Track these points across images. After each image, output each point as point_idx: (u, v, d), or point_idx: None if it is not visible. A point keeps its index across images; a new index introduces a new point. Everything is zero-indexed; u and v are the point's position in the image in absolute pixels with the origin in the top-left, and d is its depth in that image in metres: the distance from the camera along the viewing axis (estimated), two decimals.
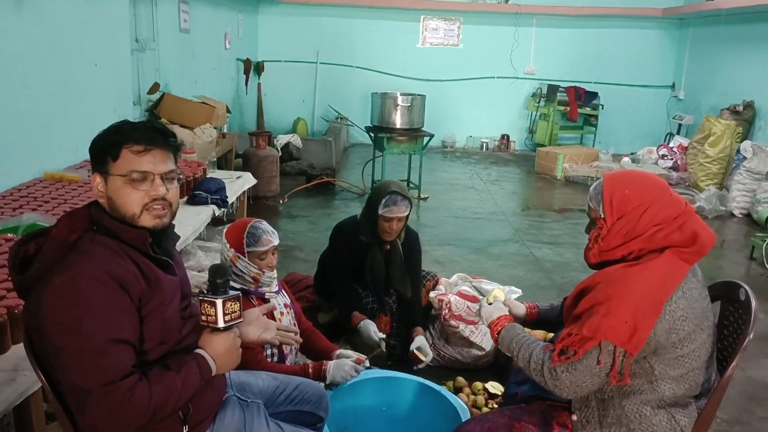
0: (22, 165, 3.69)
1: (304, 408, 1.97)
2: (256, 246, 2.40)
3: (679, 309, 1.63)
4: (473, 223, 6.14)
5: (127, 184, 1.49)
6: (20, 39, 3.56)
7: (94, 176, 1.52)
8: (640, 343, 1.59)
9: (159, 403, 1.41)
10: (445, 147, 10.51)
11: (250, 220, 2.48)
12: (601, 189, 1.77)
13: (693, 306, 1.66)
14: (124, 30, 5.03)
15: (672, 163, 8.20)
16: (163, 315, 1.51)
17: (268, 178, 6.41)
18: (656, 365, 1.67)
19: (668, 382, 1.68)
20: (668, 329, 1.62)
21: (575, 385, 1.66)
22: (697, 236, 1.70)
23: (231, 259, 2.42)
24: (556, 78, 10.21)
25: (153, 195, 1.50)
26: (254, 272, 2.41)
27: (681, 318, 1.63)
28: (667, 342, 1.63)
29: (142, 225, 1.51)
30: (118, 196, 1.49)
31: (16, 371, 1.91)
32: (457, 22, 10.37)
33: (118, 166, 1.49)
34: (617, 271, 1.69)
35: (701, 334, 1.68)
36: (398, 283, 3.13)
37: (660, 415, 1.69)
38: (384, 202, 2.97)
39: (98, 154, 1.52)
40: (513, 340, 1.84)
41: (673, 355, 1.65)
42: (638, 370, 1.67)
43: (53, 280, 1.39)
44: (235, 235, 2.42)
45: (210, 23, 7.53)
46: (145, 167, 1.50)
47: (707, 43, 9.46)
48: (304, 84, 10.33)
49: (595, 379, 1.65)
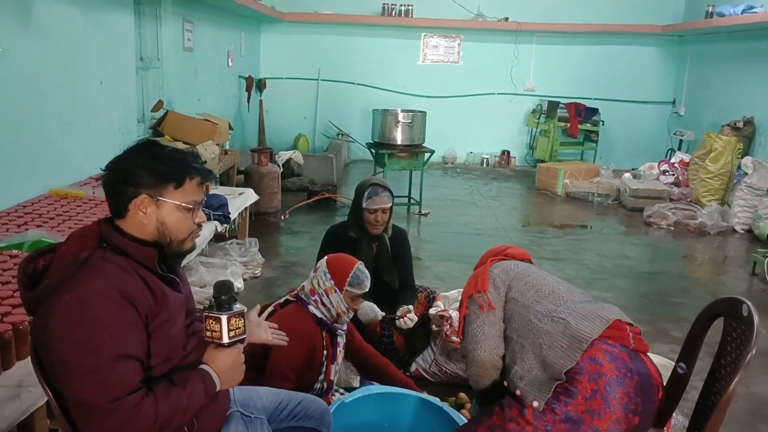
0: (28, 181, 3.71)
1: (307, 424, 1.98)
2: (356, 288, 2.49)
3: (500, 265, 2.25)
4: (474, 238, 6.14)
5: (182, 212, 1.57)
6: (27, 57, 3.60)
7: (143, 197, 1.53)
8: (484, 283, 2.17)
9: (165, 418, 1.42)
10: (445, 163, 10.54)
11: (356, 262, 2.55)
12: None
13: (512, 264, 2.26)
14: (129, 49, 5.09)
15: (673, 179, 8.21)
16: (169, 331, 1.53)
17: (270, 194, 6.44)
18: (515, 296, 2.12)
19: (534, 301, 2.08)
20: (501, 272, 2.20)
21: (473, 336, 2.10)
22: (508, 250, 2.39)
23: (326, 290, 2.48)
24: (557, 94, 10.27)
25: (198, 221, 1.62)
26: (342, 309, 2.49)
27: (503, 269, 2.22)
28: (507, 277, 2.17)
29: (185, 248, 1.63)
30: (173, 222, 1.56)
31: (20, 387, 1.92)
32: (458, 40, 10.46)
33: (179, 194, 1.56)
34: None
35: (533, 273, 2.21)
36: (386, 275, 3.28)
37: (543, 321, 2.00)
38: (366, 195, 3.14)
39: (160, 178, 1.54)
40: None
41: (520, 285, 2.14)
42: (511, 307, 2.12)
43: (63, 296, 1.41)
44: (340, 271, 2.49)
45: (213, 41, 7.61)
46: (200, 198, 1.62)
47: (707, 59, 9.52)
48: (306, 101, 10.39)
49: (480, 322, 2.11)
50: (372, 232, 3.21)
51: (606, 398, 1.81)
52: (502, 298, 2.15)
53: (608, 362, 1.85)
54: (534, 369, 1.95)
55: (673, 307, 4.52)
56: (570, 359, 1.87)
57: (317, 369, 2.50)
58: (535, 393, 1.90)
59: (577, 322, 1.94)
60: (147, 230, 1.55)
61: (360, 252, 3.21)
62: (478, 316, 2.13)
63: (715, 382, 1.84)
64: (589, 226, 6.89)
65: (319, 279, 2.50)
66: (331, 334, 2.54)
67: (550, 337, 1.94)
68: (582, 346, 1.88)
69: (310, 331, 2.47)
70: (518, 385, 1.96)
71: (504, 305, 2.14)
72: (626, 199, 7.71)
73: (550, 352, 1.92)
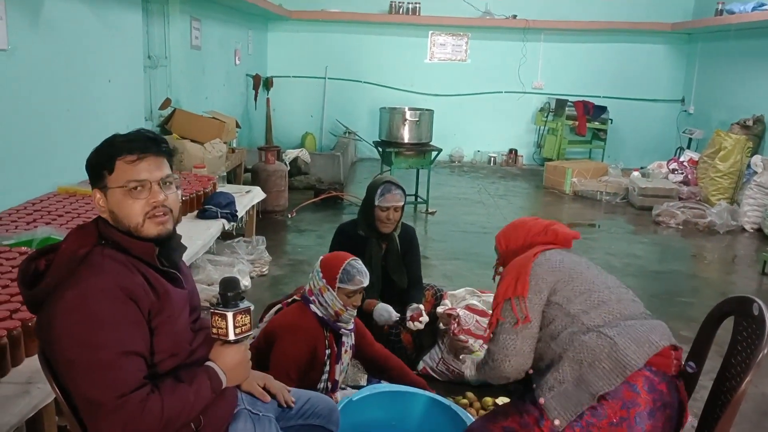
0: (37, 179, 3.73)
1: (315, 422, 1.97)
2: (348, 284, 2.46)
3: (544, 261, 2.05)
4: (481, 237, 6.13)
5: (126, 195, 1.50)
6: (36, 55, 3.62)
7: (94, 192, 1.53)
8: (525, 287, 1.98)
9: (171, 415, 1.42)
10: (452, 161, 10.52)
11: (347, 256, 2.54)
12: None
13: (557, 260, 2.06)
14: (137, 47, 5.10)
15: (683, 178, 8.17)
16: (172, 327, 1.52)
17: (277, 192, 6.44)
18: (562, 301, 1.97)
19: (581, 311, 1.93)
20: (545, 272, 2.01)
21: (504, 347, 1.96)
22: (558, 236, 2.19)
23: (320, 289, 2.48)
24: (565, 92, 10.22)
25: (153, 202, 1.51)
26: (339, 307, 2.47)
27: (558, 261, 2.05)
28: (552, 279, 2.00)
29: (147, 234, 1.52)
30: (120, 208, 1.50)
31: (29, 384, 1.92)
32: (465, 38, 10.43)
33: (115, 179, 1.50)
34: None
35: (581, 274, 2.02)
36: (395, 274, 3.27)
37: (588, 335, 1.86)
38: (380, 192, 3.13)
39: (94, 169, 1.53)
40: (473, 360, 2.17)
41: (566, 290, 1.97)
42: (553, 311, 1.97)
43: (64, 294, 1.41)
44: (331, 268, 2.49)
45: (220, 40, 7.62)
46: (141, 175, 1.50)
47: (716, 57, 9.46)
48: (313, 99, 10.39)
49: (512, 334, 1.96)
50: (383, 230, 3.19)
51: (632, 428, 1.73)
52: (542, 302, 1.99)
53: (646, 393, 1.76)
54: (566, 383, 1.84)
55: (683, 307, 4.49)
56: (609, 383, 1.76)
57: (320, 369, 2.50)
58: (559, 410, 1.81)
59: (625, 344, 1.80)
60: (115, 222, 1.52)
61: (369, 251, 3.21)
62: (512, 328, 1.98)
63: (725, 382, 1.82)
64: (597, 225, 6.85)
65: (314, 278, 2.52)
66: (335, 334, 2.54)
67: (593, 355, 1.81)
68: (625, 372, 1.76)
69: (312, 330, 2.47)
70: (545, 395, 1.86)
71: (544, 309, 1.99)
72: (635, 198, 7.67)
73: (589, 370, 1.80)
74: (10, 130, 3.42)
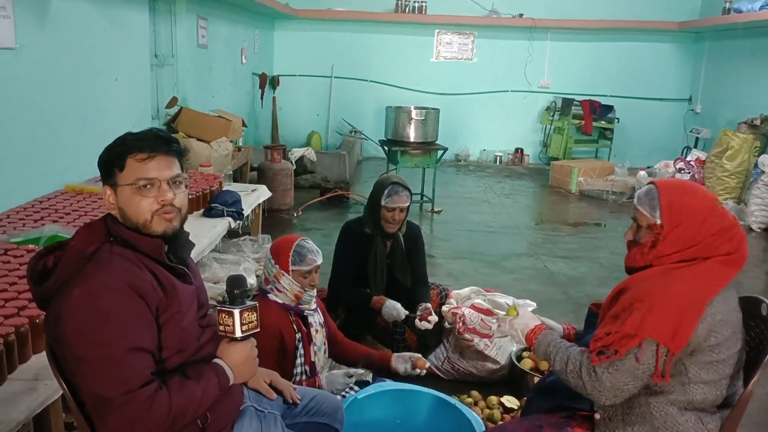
0: (44, 177, 3.74)
1: (320, 419, 1.98)
2: (301, 265, 2.45)
3: (719, 312, 1.64)
4: (487, 236, 6.12)
5: (135, 193, 1.51)
6: (43, 54, 3.63)
7: (104, 189, 1.55)
8: (682, 342, 1.59)
9: (179, 411, 1.43)
10: (458, 160, 10.51)
11: (295, 238, 2.51)
12: (656, 195, 1.76)
13: (731, 313, 1.68)
14: (144, 46, 5.12)
15: (689, 177, 8.13)
16: (180, 323, 1.53)
17: (283, 191, 6.45)
18: (691, 367, 1.66)
19: (700, 387, 1.67)
20: (708, 331, 1.62)
21: (615, 387, 1.63)
22: (741, 248, 1.73)
23: (275, 275, 2.47)
24: (571, 91, 10.19)
25: (161, 200, 1.53)
26: (297, 290, 2.47)
27: (720, 322, 1.64)
28: (705, 344, 1.63)
29: (154, 231, 1.53)
30: (129, 205, 1.52)
31: (36, 380, 1.93)
32: (471, 36, 10.42)
33: (125, 176, 1.52)
34: (660, 271, 1.71)
35: (736, 344, 1.69)
36: (399, 273, 3.27)
37: (687, 416, 1.68)
38: (386, 193, 3.14)
39: (105, 166, 1.55)
40: (550, 344, 1.82)
41: (708, 358, 1.65)
42: (672, 371, 1.65)
43: (72, 291, 1.42)
44: (281, 252, 2.47)
45: (227, 39, 7.63)
46: (151, 174, 1.52)
47: (724, 56, 9.41)
48: (319, 98, 10.40)
49: (637, 381, 1.63)
50: (387, 230, 3.21)
51: None
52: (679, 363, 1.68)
53: None
54: None
55: None
56: None
57: (291, 353, 2.47)
58: None
59: None
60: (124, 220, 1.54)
61: (374, 249, 3.23)
62: (637, 371, 1.63)
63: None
64: (603, 225, 6.83)
65: (268, 267, 2.51)
66: (301, 316, 2.52)
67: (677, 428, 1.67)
68: None
69: (274, 320, 2.41)
70: None
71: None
72: None
73: None
74: (18, 129, 3.44)
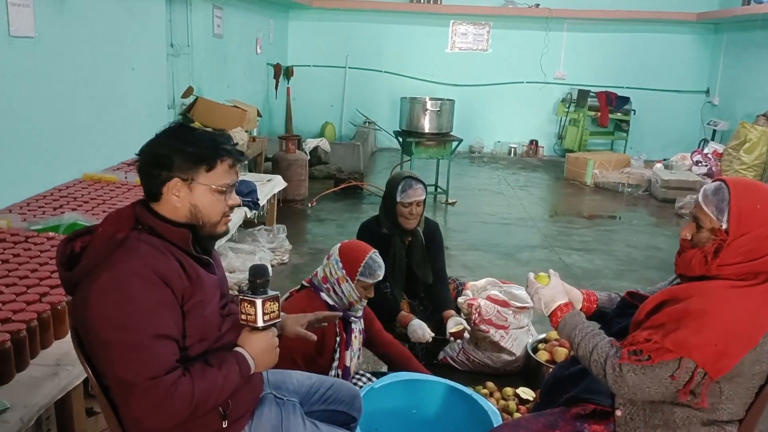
0: (62, 166, 3.78)
1: (338, 408, 1.99)
2: (368, 278, 2.45)
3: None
4: (501, 228, 6.11)
5: (214, 194, 1.57)
6: (62, 43, 3.66)
7: (175, 181, 1.53)
8: (725, 369, 1.51)
9: (201, 398, 1.44)
10: (473, 152, 10.48)
11: (369, 249, 2.50)
12: (727, 197, 1.60)
13: None
14: (160, 35, 5.14)
15: (706, 170, 8.05)
16: (203, 312, 1.55)
17: (297, 181, 6.47)
18: (726, 390, 1.60)
19: (730, 407, 1.62)
20: (755, 360, 1.55)
21: (637, 388, 1.59)
22: None
23: (338, 278, 2.45)
24: (587, 83, 10.11)
25: (231, 204, 1.62)
26: (354, 298, 2.46)
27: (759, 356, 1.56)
28: (749, 371, 1.56)
29: (219, 231, 1.63)
30: (205, 205, 1.57)
31: (58, 366, 1.96)
32: (487, 27, 10.35)
33: (211, 177, 1.56)
34: (717, 289, 1.59)
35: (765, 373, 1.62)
36: (419, 270, 3.21)
37: (709, 427, 1.65)
38: (400, 188, 3.09)
39: (190, 161, 1.54)
40: (576, 327, 1.75)
41: (747, 384, 1.60)
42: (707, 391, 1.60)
43: (101, 276, 1.43)
44: (352, 260, 2.45)
45: (242, 28, 7.64)
46: (233, 181, 1.61)
47: (742, 48, 9.28)
48: (333, 88, 10.40)
49: (662, 389, 1.58)
50: (406, 226, 3.13)
51: None
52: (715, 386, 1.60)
53: None
54: None
55: None
56: None
57: (329, 356, 2.48)
58: None
59: None
60: (180, 213, 1.56)
61: (393, 248, 3.15)
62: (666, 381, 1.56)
63: None
64: (618, 217, 6.79)
65: (332, 267, 2.47)
66: (345, 321, 2.52)
67: None
68: None
69: None
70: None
71: None
72: (657, 190, 7.58)
73: None
74: (37, 118, 3.47)
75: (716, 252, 1.60)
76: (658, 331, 1.60)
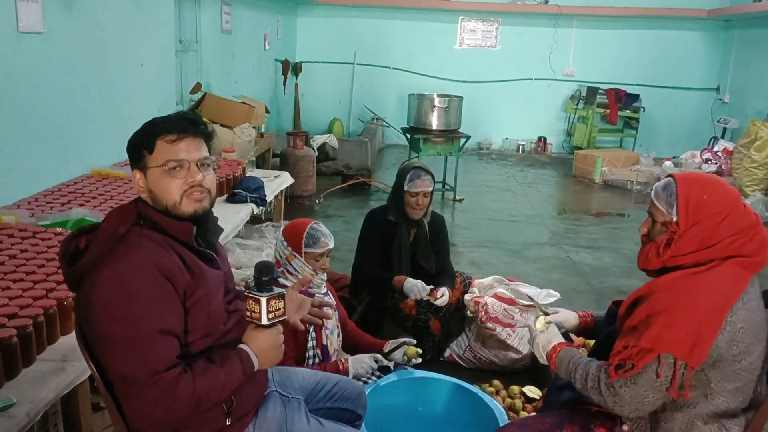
0: (70, 162, 3.79)
1: (343, 405, 1.98)
2: (314, 248, 2.47)
3: (739, 320, 1.58)
4: (509, 225, 6.08)
5: (165, 174, 1.53)
6: (71, 39, 3.66)
7: (134, 173, 1.57)
8: (702, 356, 1.53)
9: (202, 395, 1.44)
10: (480, 149, 10.45)
11: (308, 222, 2.53)
12: (674, 191, 1.67)
13: (752, 318, 1.60)
14: (169, 31, 5.14)
15: (716, 168, 7.99)
16: (207, 307, 1.54)
17: (305, 177, 6.47)
18: (713, 378, 1.61)
19: (723, 395, 1.63)
20: (729, 341, 1.57)
21: (636, 401, 1.60)
22: (763, 250, 1.63)
23: (287, 257, 2.48)
24: (596, 80, 10.05)
25: (190, 182, 1.54)
26: (308, 272, 2.47)
27: (741, 330, 1.58)
28: (728, 354, 1.58)
29: (184, 212, 1.54)
30: (159, 187, 1.53)
31: (65, 361, 1.97)
32: (495, 23, 10.30)
33: (154, 158, 1.54)
34: (677, 280, 1.64)
35: (758, 346, 1.63)
36: (423, 259, 3.27)
37: (710, 425, 1.65)
38: (409, 178, 3.15)
39: (135, 150, 1.57)
40: (570, 361, 1.78)
41: (731, 368, 1.60)
42: (695, 382, 1.61)
43: (103, 271, 1.44)
44: (294, 235, 2.48)
45: (250, 24, 7.64)
46: (180, 155, 1.54)
47: (753, 45, 9.20)
48: (341, 85, 10.39)
49: (657, 393, 1.59)
50: (412, 216, 3.21)
51: None
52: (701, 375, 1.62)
53: None
54: None
55: None
56: None
57: (302, 336, 2.44)
58: None
59: None
60: (153, 203, 1.55)
61: (398, 236, 3.23)
62: (657, 385, 1.58)
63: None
64: (626, 215, 6.75)
65: (279, 250, 2.51)
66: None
67: None
68: None
69: None
70: None
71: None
72: None
73: None
74: (45, 113, 3.48)
75: (668, 244, 1.67)
76: (633, 335, 1.63)
